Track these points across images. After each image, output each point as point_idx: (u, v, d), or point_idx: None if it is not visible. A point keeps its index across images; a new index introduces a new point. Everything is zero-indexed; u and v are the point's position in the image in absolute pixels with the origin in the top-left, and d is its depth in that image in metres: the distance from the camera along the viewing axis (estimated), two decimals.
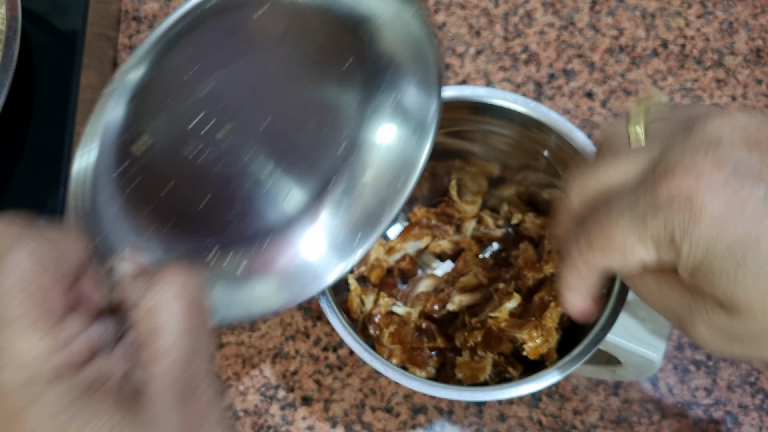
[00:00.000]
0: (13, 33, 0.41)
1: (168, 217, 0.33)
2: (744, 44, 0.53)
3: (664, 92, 0.30)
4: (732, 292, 0.23)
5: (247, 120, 0.33)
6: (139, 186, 0.33)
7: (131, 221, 0.33)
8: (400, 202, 0.33)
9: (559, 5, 0.54)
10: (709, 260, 0.23)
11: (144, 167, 0.33)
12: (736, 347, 0.25)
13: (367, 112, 0.33)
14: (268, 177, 0.33)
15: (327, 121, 0.33)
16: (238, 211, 0.33)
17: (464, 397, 0.34)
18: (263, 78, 0.34)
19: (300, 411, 0.45)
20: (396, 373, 0.34)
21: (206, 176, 0.33)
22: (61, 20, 0.48)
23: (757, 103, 0.52)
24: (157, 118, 0.34)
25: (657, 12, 0.54)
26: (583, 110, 0.51)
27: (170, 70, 0.34)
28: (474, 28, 0.53)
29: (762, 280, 0.23)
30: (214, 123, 0.33)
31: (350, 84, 0.34)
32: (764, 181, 0.23)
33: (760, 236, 0.22)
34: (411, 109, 0.33)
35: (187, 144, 0.33)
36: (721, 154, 0.23)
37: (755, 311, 0.23)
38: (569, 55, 0.53)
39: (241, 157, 0.33)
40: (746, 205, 0.23)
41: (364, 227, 0.33)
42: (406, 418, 0.45)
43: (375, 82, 0.33)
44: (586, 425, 0.44)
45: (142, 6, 0.54)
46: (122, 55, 0.53)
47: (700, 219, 0.23)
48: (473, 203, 0.45)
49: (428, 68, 0.33)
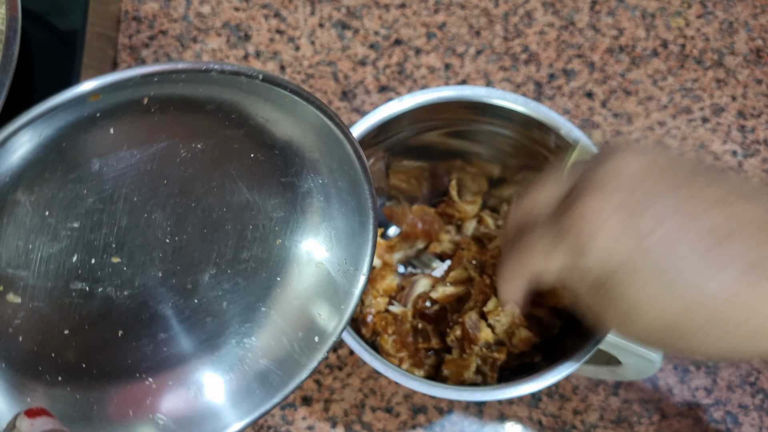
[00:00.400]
0: (13, 33, 0.41)
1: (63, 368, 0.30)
2: (744, 44, 0.53)
3: (597, 134, 0.34)
4: (621, 302, 0.28)
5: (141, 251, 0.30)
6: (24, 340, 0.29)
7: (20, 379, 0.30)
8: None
9: (559, 5, 0.54)
10: (603, 276, 0.28)
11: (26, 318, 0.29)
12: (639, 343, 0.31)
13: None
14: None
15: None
16: (133, 359, 0.32)
17: (464, 397, 0.34)
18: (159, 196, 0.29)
19: (300, 411, 0.45)
20: (396, 373, 0.34)
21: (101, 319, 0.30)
22: (61, 20, 0.48)
23: (757, 103, 0.52)
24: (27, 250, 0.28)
25: (657, 12, 0.54)
26: (583, 110, 0.51)
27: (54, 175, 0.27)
28: (474, 28, 0.53)
29: (645, 291, 0.27)
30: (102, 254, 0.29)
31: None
32: (644, 211, 0.27)
33: (641, 256, 0.27)
34: (338, 275, 0.33)
35: (70, 286, 0.29)
36: (615, 186, 0.27)
37: (640, 317, 0.28)
38: (569, 55, 0.53)
39: (141, 306, 0.31)
40: (629, 232, 0.27)
41: (261, 388, 0.33)
42: (406, 418, 0.45)
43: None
44: (586, 425, 0.44)
45: (142, 6, 0.54)
46: (122, 55, 0.53)
47: (594, 241, 0.27)
48: (473, 203, 0.45)
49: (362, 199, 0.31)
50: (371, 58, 0.53)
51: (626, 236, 0.27)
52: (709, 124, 0.51)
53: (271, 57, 0.53)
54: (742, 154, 0.51)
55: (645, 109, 0.52)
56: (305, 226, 0.33)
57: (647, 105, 0.52)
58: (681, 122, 0.51)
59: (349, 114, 0.51)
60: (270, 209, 0.32)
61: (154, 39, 0.53)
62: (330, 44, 0.53)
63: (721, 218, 0.27)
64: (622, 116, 0.51)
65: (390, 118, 0.38)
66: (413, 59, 0.53)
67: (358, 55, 0.53)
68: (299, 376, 0.33)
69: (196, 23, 0.53)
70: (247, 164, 0.30)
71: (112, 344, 0.31)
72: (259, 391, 0.33)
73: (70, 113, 0.25)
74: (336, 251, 0.33)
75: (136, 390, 0.32)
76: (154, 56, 0.53)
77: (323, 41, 0.53)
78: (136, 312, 0.31)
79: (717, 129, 0.51)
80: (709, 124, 0.51)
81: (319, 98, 0.28)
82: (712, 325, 0.26)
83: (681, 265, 0.26)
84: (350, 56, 0.53)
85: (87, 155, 0.27)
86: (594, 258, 0.27)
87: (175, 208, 0.30)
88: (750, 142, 0.51)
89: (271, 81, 0.26)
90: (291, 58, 0.53)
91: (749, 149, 0.51)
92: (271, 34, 0.53)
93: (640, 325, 0.28)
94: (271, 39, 0.53)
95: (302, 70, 0.52)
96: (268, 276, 0.33)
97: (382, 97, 0.52)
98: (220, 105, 0.28)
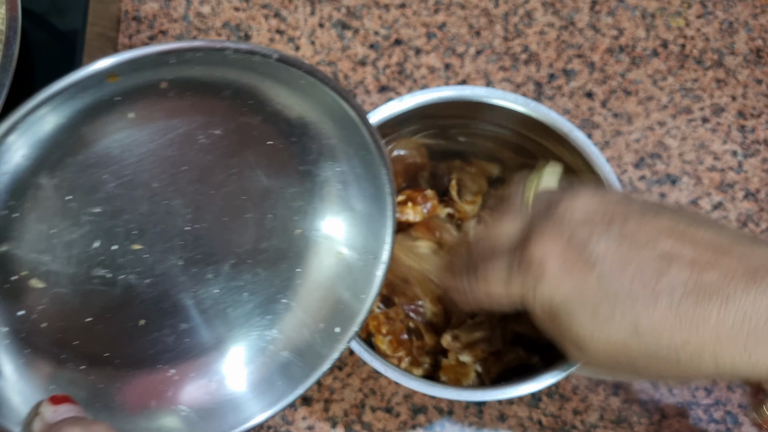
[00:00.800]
0: (13, 33, 0.41)
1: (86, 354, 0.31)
2: (744, 44, 0.53)
3: (557, 169, 0.34)
4: (571, 333, 0.30)
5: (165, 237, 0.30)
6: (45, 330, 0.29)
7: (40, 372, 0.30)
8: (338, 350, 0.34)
9: (559, 5, 0.54)
10: (554, 308, 0.30)
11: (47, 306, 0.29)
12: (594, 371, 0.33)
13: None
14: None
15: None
16: (156, 350, 0.32)
17: (464, 397, 0.34)
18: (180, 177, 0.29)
19: (300, 411, 0.45)
20: (396, 372, 0.34)
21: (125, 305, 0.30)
22: (61, 20, 0.48)
23: (757, 103, 0.52)
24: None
25: (657, 12, 0.54)
26: (583, 110, 0.51)
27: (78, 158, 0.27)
28: (474, 28, 0.53)
29: (589, 323, 0.29)
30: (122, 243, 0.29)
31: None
32: (588, 248, 0.29)
33: (583, 291, 0.29)
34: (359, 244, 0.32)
35: (92, 272, 0.29)
36: (566, 224, 0.30)
37: (588, 347, 0.29)
38: (569, 55, 0.53)
39: (161, 296, 0.31)
40: (574, 268, 0.29)
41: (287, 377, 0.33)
42: (406, 418, 0.45)
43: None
44: (586, 425, 0.44)
45: (142, 6, 0.54)
46: None
47: (542, 278, 0.29)
48: (473, 203, 0.45)
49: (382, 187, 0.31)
50: (371, 58, 0.53)
51: (573, 271, 0.29)
52: (709, 124, 0.51)
53: None
54: (742, 154, 0.51)
55: (645, 109, 0.52)
56: (324, 215, 0.33)
57: (647, 105, 0.52)
58: (681, 122, 0.51)
59: None
60: (289, 198, 0.32)
61: (154, 39, 0.53)
62: (330, 44, 0.53)
63: (668, 244, 0.28)
64: (622, 116, 0.51)
65: (390, 118, 0.38)
66: (413, 59, 0.53)
67: (358, 55, 0.53)
68: (321, 368, 0.33)
69: (196, 23, 0.54)
70: (266, 152, 0.30)
71: (135, 333, 0.31)
72: (281, 382, 0.33)
73: (89, 95, 0.25)
74: (355, 240, 0.33)
75: (158, 380, 0.32)
76: None
77: (323, 41, 0.53)
78: (158, 301, 0.31)
79: (717, 129, 0.51)
80: (709, 124, 0.51)
81: (334, 79, 0.28)
82: (653, 353, 0.28)
83: (621, 297, 0.28)
84: (350, 56, 0.53)
85: (107, 140, 0.27)
86: (545, 292, 0.29)
87: (195, 195, 0.30)
88: (750, 142, 0.51)
89: (286, 61, 0.26)
90: None
91: (749, 149, 0.51)
92: (271, 34, 0.53)
93: (590, 354, 0.30)
94: (271, 39, 0.53)
95: None
96: (288, 266, 0.33)
97: (383, 97, 0.52)
98: (236, 90, 0.28)
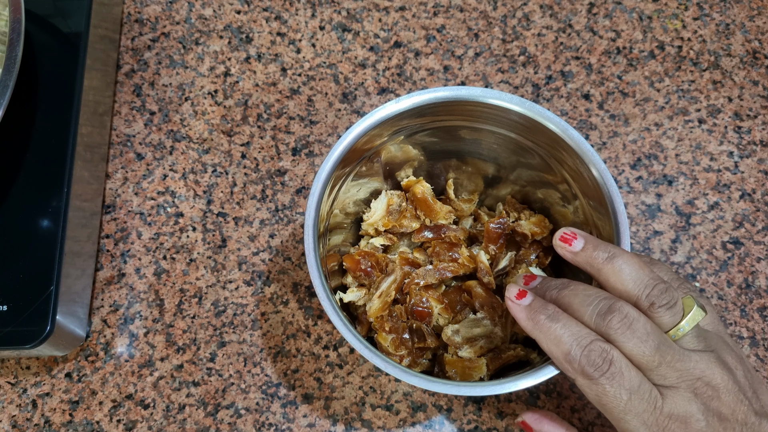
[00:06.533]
0: (17, 35, 0.41)
1: None
2: (740, 46, 0.53)
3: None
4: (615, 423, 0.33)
5: None
6: None
7: None
8: None
9: (557, 8, 0.54)
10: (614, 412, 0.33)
11: None
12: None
13: None
14: None
15: None
16: None
17: (463, 392, 0.34)
18: None
19: (301, 409, 0.45)
20: (396, 369, 0.34)
21: None
22: (64, 22, 0.48)
23: (754, 104, 0.52)
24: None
25: (654, 14, 0.54)
26: (580, 111, 0.52)
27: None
28: (473, 30, 0.54)
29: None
30: None
31: None
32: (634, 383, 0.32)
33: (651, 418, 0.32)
34: None
35: None
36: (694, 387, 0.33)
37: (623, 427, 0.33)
38: (567, 57, 0.53)
39: None
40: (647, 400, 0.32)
41: None
42: (405, 416, 0.45)
43: None
44: (583, 423, 0.45)
45: (145, 8, 0.55)
46: (125, 57, 0.53)
47: (622, 384, 0.32)
48: (470, 201, 0.45)
49: None
50: (371, 61, 0.53)
51: (641, 404, 0.32)
52: (706, 125, 0.52)
53: (272, 59, 0.53)
54: (738, 155, 0.51)
55: (642, 111, 0.52)
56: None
57: (644, 106, 0.52)
58: (677, 123, 0.52)
59: (350, 116, 0.52)
60: None
61: (157, 41, 0.54)
62: (330, 46, 0.53)
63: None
64: (619, 117, 0.52)
65: (388, 119, 0.38)
66: (412, 61, 0.53)
67: (358, 57, 0.53)
68: None
69: (198, 26, 0.54)
70: None
71: None
72: None
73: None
74: None
75: None
76: (157, 58, 0.53)
77: (324, 44, 0.53)
78: None
79: (713, 130, 0.52)
80: (706, 125, 0.52)
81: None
82: None
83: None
84: (350, 58, 0.53)
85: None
86: (603, 388, 0.32)
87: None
88: (746, 143, 0.51)
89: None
90: (292, 60, 0.53)
91: (745, 150, 0.51)
92: (272, 37, 0.54)
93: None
94: (273, 41, 0.54)
95: (303, 72, 0.53)
96: None
97: (382, 99, 0.52)
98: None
